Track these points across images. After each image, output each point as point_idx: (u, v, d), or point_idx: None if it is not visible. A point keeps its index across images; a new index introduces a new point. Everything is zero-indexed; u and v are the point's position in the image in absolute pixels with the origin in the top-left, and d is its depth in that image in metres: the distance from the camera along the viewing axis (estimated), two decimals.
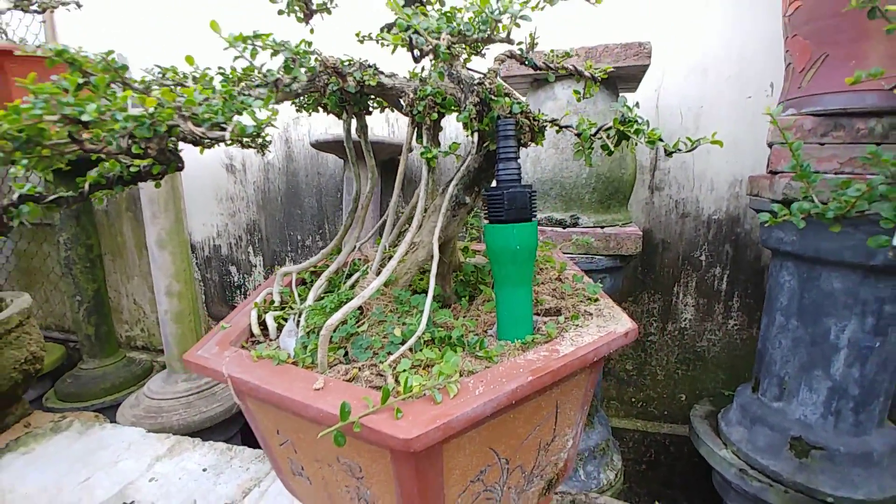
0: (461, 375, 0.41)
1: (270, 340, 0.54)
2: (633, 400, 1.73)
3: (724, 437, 1.26)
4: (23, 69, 1.55)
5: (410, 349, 0.44)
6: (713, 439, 1.28)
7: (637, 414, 1.75)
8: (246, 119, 0.45)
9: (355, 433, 0.34)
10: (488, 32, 0.49)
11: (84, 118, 0.41)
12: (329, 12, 0.62)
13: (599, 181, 1.05)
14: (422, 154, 0.52)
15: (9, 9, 1.53)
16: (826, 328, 1.05)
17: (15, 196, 0.57)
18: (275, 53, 0.54)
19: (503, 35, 0.51)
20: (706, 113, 1.43)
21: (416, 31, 0.42)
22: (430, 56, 0.48)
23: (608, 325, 0.50)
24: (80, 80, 0.45)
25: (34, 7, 1.59)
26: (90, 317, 1.87)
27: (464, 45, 0.55)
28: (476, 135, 0.52)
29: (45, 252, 2.27)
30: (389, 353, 0.46)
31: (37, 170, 0.46)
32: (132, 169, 0.55)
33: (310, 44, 0.58)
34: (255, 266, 2.10)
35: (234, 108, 0.42)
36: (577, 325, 0.50)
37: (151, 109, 0.43)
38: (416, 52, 0.50)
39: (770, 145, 1.07)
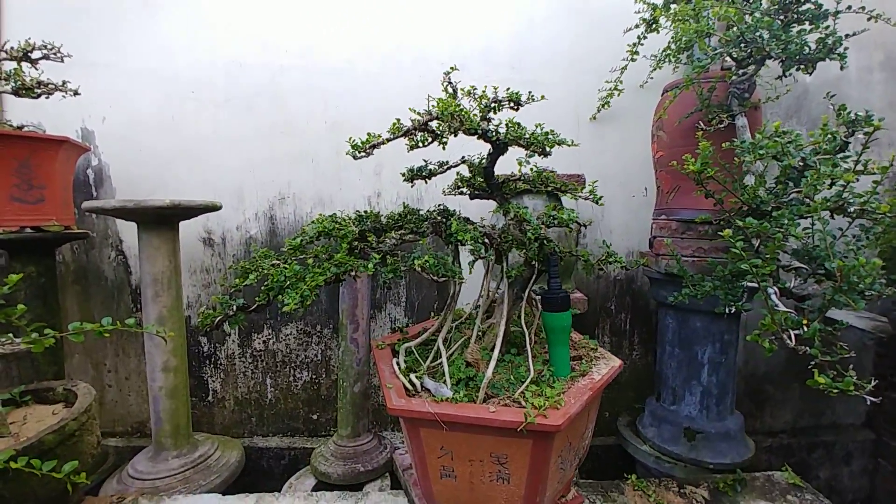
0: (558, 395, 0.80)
1: (418, 392, 0.86)
2: None
3: (642, 437, 1.77)
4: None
5: (527, 386, 0.81)
6: (636, 440, 1.79)
7: None
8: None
9: (529, 426, 0.70)
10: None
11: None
12: (430, 179, 1.00)
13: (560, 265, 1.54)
14: (507, 272, 0.92)
15: (6, 93, 1.58)
16: (695, 352, 1.64)
17: (234, 308, 0.84)
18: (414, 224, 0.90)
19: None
20: (608, 206, 2.06)
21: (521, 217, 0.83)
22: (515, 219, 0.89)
23: (609, 363, 0.93)
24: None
25: (29, 92, 1.64)
26: None
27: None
28: (533, 261, 0.93)
29: None
30: (507, 389, 0.82)
31: (314, 290, 0.74)
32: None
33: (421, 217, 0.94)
34: (230, 335, 2.18)
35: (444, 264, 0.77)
36: (595, 364, 0.92)
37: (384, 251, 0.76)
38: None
39: (653, 237, 1.67)
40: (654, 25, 1.62)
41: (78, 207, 1.94)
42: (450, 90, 0.82)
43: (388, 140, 0.79)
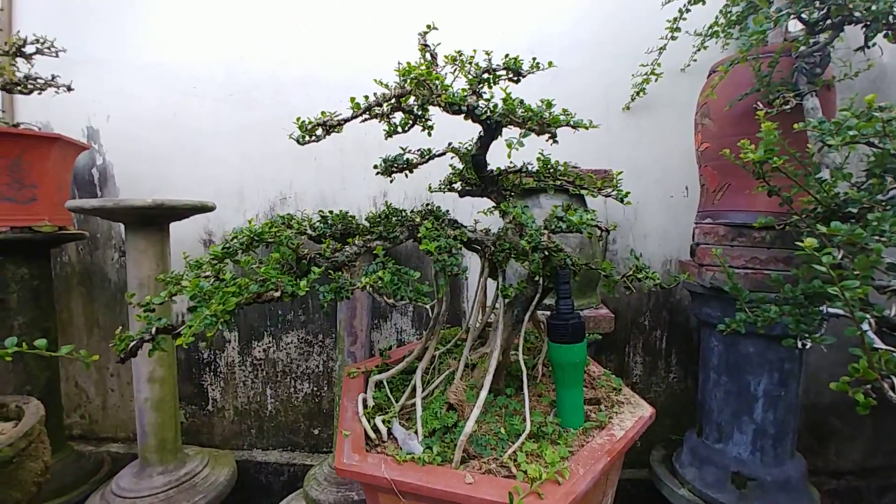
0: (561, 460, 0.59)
1: (384, 442, 0.67)
2: None
3: (679, 478, 1.51)
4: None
5: (522, 444, 0.61)
6: (671, 480, 1.53)
7: None
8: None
9: None
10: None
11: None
12: (411, 171, 0.82)
13: (581, 276, 1.31)
14: (501, 290, 0.72)
15: None
16: (747, 382, 1.37)
17: (153, 329, 0.68)
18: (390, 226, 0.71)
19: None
20: (641, 207, 1.81)
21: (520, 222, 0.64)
22: (512, 224, 0.69)
23: (637, 411, 0.71)
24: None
25: (20, 88, 1.59)
26: None
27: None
28: (536, 277, 0.73)
29: None
30: (495, 447, 0.62)
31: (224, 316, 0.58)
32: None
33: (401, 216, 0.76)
34: (230, 342, 2.07)
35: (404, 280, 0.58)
36: (617, 412, 0.70)
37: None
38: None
39: (696, 244, 1.41)
40: None
41: None
42: (427, 56, 0.63)
43: (347, 119, 0.62)
